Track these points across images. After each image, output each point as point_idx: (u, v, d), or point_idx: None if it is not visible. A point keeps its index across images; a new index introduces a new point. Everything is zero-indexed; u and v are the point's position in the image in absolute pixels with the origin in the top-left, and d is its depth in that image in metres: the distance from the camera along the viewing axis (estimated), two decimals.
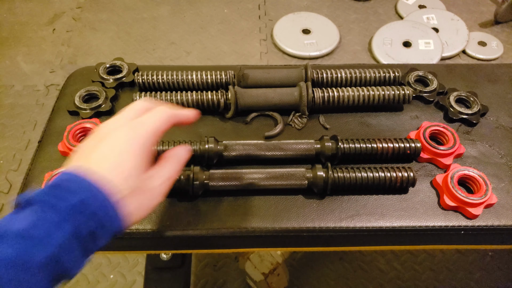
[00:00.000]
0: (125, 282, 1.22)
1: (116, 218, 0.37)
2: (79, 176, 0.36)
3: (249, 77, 0.70)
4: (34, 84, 1.74)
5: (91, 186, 0.35)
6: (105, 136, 0.40)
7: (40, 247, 0.31)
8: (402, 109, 0.73)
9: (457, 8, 2.10)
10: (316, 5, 2.11)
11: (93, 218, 0.34)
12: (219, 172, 0.59)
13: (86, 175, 0.36)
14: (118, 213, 0.37)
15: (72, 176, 0.36)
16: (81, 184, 0.35)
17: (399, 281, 1.23)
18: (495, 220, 0.58)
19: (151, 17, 2.03)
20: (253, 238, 0.59)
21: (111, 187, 0.36)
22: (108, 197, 0.36)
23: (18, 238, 0.31)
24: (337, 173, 0.59)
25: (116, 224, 0.37)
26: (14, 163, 1.49)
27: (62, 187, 0.35)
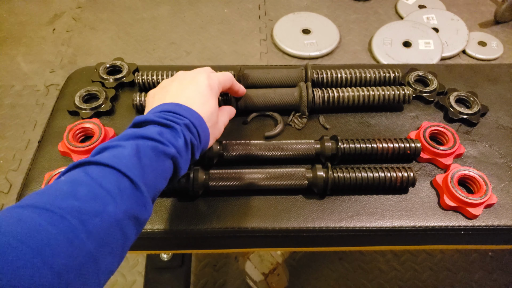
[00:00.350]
0: (125, 282, 1.22)
1: (206, 137, 0.50)
2: (182, 105, 0.49)
3: (249, 77, 0.70)
4: (34, 84, 1.74)
5: (193, 112, 0.48)
6: (187, 80, 0.52)
7: (166, 147, 0.43)
8: (402, 109, 0.73)
9: (457, 8, 2.10)
10: (316, 5, 2.11)
11: (195, 135, 0.48)
12: (219, 172, 0.59)
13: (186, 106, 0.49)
14: (208, 135, 0.50)
15: (175, 105, 0.48)
16: (186, 110, 0.48)
17: (399, 281, 1.23)
18: (495, 220, 0.58)
19: (151, 17, 2.03)
20: (253, 238, 0.59)
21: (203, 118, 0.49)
22: (203, 120, 0.49)
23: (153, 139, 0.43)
24: (337, 173, 0.59)
25: (206, 142, 0.50)
26: (14, 163, 1.49)
27: (172, 111, 0.47)
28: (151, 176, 0.41)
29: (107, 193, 0.36)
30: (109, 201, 0.36)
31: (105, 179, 0.37)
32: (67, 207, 0.33)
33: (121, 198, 0.37)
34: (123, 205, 0.37)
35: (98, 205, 0.35)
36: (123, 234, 0.36)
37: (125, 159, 0.39)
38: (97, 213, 0.34)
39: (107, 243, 0.34)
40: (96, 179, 0.37)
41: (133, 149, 0.40)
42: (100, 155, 0.40)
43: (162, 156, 0.43)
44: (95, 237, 0.33)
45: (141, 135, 0.43)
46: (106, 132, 0.64)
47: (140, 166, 0.40)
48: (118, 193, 0.37)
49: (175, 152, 0.44)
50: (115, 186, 0.37)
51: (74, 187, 0.35)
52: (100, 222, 0.34)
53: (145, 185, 0.40)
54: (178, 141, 0.45)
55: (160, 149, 0.42)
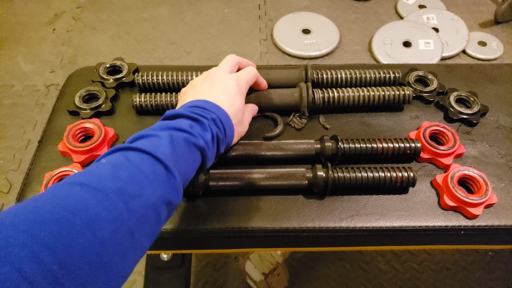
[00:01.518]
0: (125, 282, 1.22)
1: (231, 134, 0.53)
2: (210, 102, 0.52)
3: None
4: (34, 84, 1.74)
5: (220, 109, 0.52)
6: (216, 80, 0.55)
7: (197, 139, 0.46)
8: (402, 109, 0.73)
9: (457, 8, 2.10)
10: (316, 5, 2.11)
11: (221, 130, 0.51)
12: (219, 172, 0.59)
13: (214, 103, 0.52)
14: (233, 131, 0.54)
15: (204, 101, 0.52)
16: (213, 107, 0.51)
17: (399, 281, 1.23)
18: (495, 220, 0.58)
19: (151, 17, 2.03)
20: (253, 238, 0.59)
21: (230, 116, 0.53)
22: (229, 117, 0.52)
23: (184, 131, 0.46)
24: (337, 173, 0.59)
25: (230, 138, 0.54)
26: (14, 163, 1.49)
27: (201, 107, 0.50)
28: (183, 165, 0.44)
29: (145, 178, 0.39)
30: (146, 185, 0.39)
31: (143, 165, 0.40)
32: (112, 187, 0.36)
33: (157, 183, 0.40)
34: (158, 189, 0.39)
35: (137, 188, 0.38)
36: (157, 217, 0.39)
37: (161, 147, 0.42)
38: (137, 195, 0.37)
39: (144, 223, 0.37)
40: (135, 164, 0.39)
41: (168, 138, 0.43)
42: (138, 142, 0.43)
43: (193, 147, 0.46)
44: (134, 217, 0.36)
45: (174, 126, 0.46)
46: (106, 132, 0.64)
47: (174, 155, 0.43)
48: (154, 178, 0.40)
49: (204, 144, 0.47)
50: (152, 172, 0.40)
51: (116, 170, 0.38)
52: (139, 203, 0.37)
53: (178, 173, 0.42)
54: (206, 135, 0.48)
55: (192, 141, 0.45)
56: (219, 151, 0.52)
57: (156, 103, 0.68)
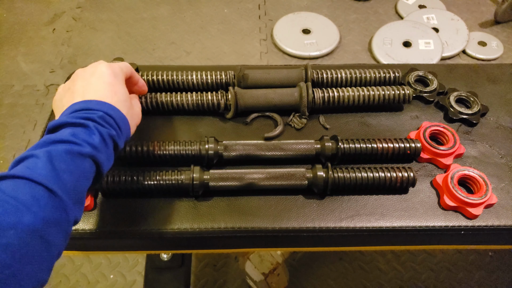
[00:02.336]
0: (125, 282, 1.22)
1: (126, 124, 0.50)
2: (92, 100, 0.48)
3: (249, 77, 0.70)
4: (34, 84, 1.74)
5: (104, 104, 0.48)
6: (89, 75, 0.51)
7: (82, 147, 0.43)
8: (402, 109, 0.73)
9: (457, 8, 2.10)
10: (316, 5, 2.11)
11: (112, 126, 0.47)
12: (219, 172, 0.59)
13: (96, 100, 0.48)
14: (127, 121, 0.50)
15: (85, 102, 0.48)
16: (96, 104, 0.47)
17: (399, 281, 1.23)
18: (495, 220, 0.58)
19: (151, 17, 2.03)
20: (253, 238, 0.59)
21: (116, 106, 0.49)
22: (117, 109, 0.49)
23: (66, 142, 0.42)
24: (337, 173, 0.59)
25: (127, 129, 0.50)
26: None
27: (83, 108, 0.47)
28: (69, 180, 0.41)
29: (22, 205, 0.36)
30: (24, 212, 0.36)
31: (18, 191, 0.37)
32: None
33: (37, 207, 0.37)
34: (40, 213, 0.37)
35: (12, 218, 0.35)
36: (44, 242, 0.36)
37: (37, 168, 0.39)
38: (11, 226, 0.34)
39: (26, 253, 0.34)
40: (8, 193, 0.36)
41: (45, 156, 0.40)
42: (14, 169, 0.40)
43: (78, 157, 0.42)
44: (10, 249, 0.33)
45: (54, 139, 0.43)
46: None
47: (55, 172, 0.40)
48: (34, 202, 0.37)
49: (91, 150, 0.43)
50: (30, 196, 0.37)
51: None
52: (15, 234, 0.34)
53: (64, 190, 0.39)
54: (93, 138, 0.44)
55: (76, 150, 0.42)
56: (118, 148, 0.48)
57: (156, 103, 0.68)
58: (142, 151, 0.60)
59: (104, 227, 0.57)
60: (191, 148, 0.61)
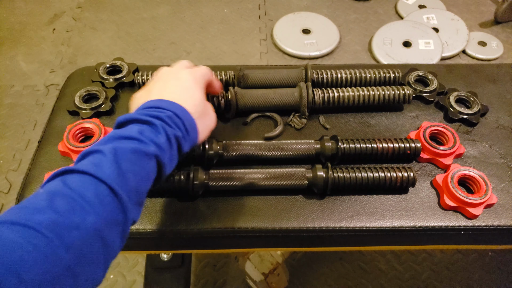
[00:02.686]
0: (125, 282, 1.22)
1: (194, 129, 0.49)
2: (164, 100, 0.48)
3: (249, 77, 0.70)
4: (34, 84, 1.74)
5: (176, 105, 0.48)
6: (169, 78, 0.53)
7: (147, 146, 0.42)
8: (402, 109, 0.73)
9: (457, 8, 2.10)
10: (316, 5, 2.10)
11: (179, 127, 0.47)
12: (219, 172, 0.59)
13: (169, 100, 0.48)
14: (195, 126, 0.49)
15: (159, 100, 0.48)
16: (168, 104, 0.48)
17: (399, 281, 1.23)
18: (495, 220, 0.58)
19: (151, 17, 2.03)
20: (253, 238, 0.59)
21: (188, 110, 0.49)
22: (188, 112, 0.48)
23: (132, 139, 0.42)
24: (337, 173, 0.59)
25: (194, 134, 0.49)
26: (14, 163, 1.49)
27: (153, 107, 0.47)
28: (132, 180, 0.40)
29: (86, 203, 0.36)
30: (88, 212, 0.35)
31: (84, 188, 0.37)
32: (44, 221, 0.33)
33: (100, 207, 0.36)
34: (103, 213, 0.36)
35: (76, 217, 0.35)
36: (104, 243, 0.36)
37: (103, 165, 0.39)
38: (76, 226, 0.34)
39: (87, 254, 0.34)
40: (74, 189, 0.36)
41: (111, 154, 0.40)
42: (80, 163, 0.40)
43: (143, 157, 0.42)
44: (73, 249, 0.33)
45: (121, 135, 0.43)
46: (106, 132, 0.64)
47: (120, 172, 0.39)
48: (98, 202, 0.36)
49: (156, 150, 0.43)
50: (94, 195, 0.37)
51: (52, 199, 0.35)
52: (78, 234, 0.34)
53: (126, 191, 0.39)
54: (159, 138, 0.44)
55: (141, 150, 0.42)
56: (181, 151, 0.48)
57: None
58: None
59: None
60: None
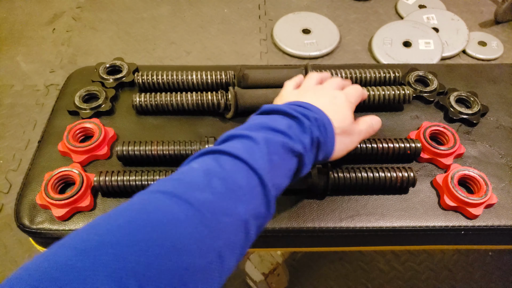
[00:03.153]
0: None
1: (332, 142, 0.48)
2: (314, 106, 0.48)
3: (249, 77, 0.70)
4: (34, 84, 1.74)
5: (320, 111, 0.47)
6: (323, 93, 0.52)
7: (295, 143, 0.42)
8: (402, 109, 0.72)
9: (457, 8, 2.10)
10: (316, 5, 2.11)
11: (322, 133, 0.46)
12: None
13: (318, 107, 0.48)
14: (334, 139, 0.48)
15: (308, 104, 0.48)
16: (317, 109, 0.47)
17: (399, 281, 1.23)
18: (495, 220, 0.58)
19: (151, 17, 2.03)
20: None
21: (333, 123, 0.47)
22: (331, 122, 0.47)
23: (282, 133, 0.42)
24: (337, 173, 0.59)
25: (331, 148, 0.48)
26: (14, 163, 1.49)
27: (302, 106, 0.47)
28: (278, 175, 0.40)
29: (240, 190, 0.36)
30: (240, 200, 0.35)
31: (238, 174, 0.37)
32: (204, 201, 0.34)
33: (250, 197, 0.36)
34: (251, 204, 0.36)
35: (230, 204, 0.35)
36: (246, 234, 0.36)
37: (256, 154, 0.38)
38: (230, 212, 0.34)
39: (233, 243, 0.34)
40: (230, 173, 0.36)
41: (264, 144, 0.39)
42: (231, 145, 0.39)
43: (290, 153, 0.41)
44: (225, 236, 0.33)
45: (270, 127, 0.42)
46: (106, 132, 0.64)
47: (270, 164, 0.39)
48: (248, 191, 0.36)
49: (302, 149, 0.42)
50: (246, 183, 0.37)
51: (210, 179, 0.35)
52: (230, 221, 0.34)
53: (272, 184, 0.39)
54: (305, 137, 0.43)
55: (289, 146, 0.41)
56: (317, 158, 0.46)
57: (156, 103, 0.68)
58: (142, 151, 0.60)
59: None
60: (191, 148, 0.61)
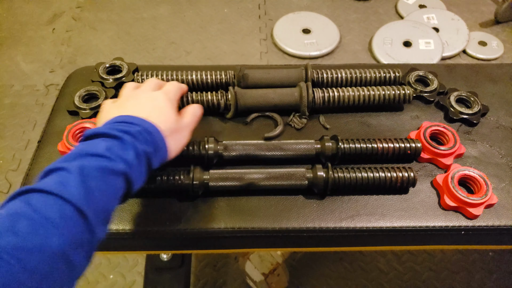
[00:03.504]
0: (125, 282, 1.22)
1: (164, 146, 0.49)
2: (136, 116, 0.48)
3: (249, 77, 0.70)
4: (34, 84, 1.74)
5: (146, 122, 0.48)
6: (142, 97, 0.53)
7: (115, 164, 0.42)
8: (402, 109, 0.72)
9: (457, 7, 2.10)
10: (316, 5, 2.10)
11: (149, 144, 0.46)
12: (219, 172, 0.59)
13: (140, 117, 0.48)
14: (165, 143, 0.49)
15: (129, 116, 0.48)
16: (139, 120, 0.48)
17: (399, 281, 1.23)
18: (496, 220, 0.58)
19: (151, 17, 2.03)
20: (253, 238, 0.59)
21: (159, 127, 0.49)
22: (160, 129, 0.49)
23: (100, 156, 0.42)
24: (338, 173, 0.59)
25: (165, 151, 0.49)
26: (13, 163, 1.49)
27: (124, 121, 0.47)
28: (99, 199, 0.39)
29: (50, 224, 0.35)
30: (52, 233, 0.34)
31: (48, 209, 0.36)
32: (5, 245, 0.32)
33: (66, 228, 0.35)
34: (68, 234, 0.35)
35: (39, 239, 0.33)
36: (69, 264, 0.35)
37: (69, 184, 0.38)
38: (39, 249, 0.33)
39: (50, 276, 0.33)
40: (38, 210, 0.35)
41: (78, 172, 0.39)
42: (43, 181, 0.39)
43: (111, 175, 0.41)
44: (36, 273, 0.32)
45: (88, 152, 0.41)
46: None
47: (86, 191, 0.38)
48: (63, 223, 0.35)
49: (125, 168, 0.42)
50: (59, 216, 0.35)
51: (14, 221, 0.34)
52: (41, 257, 0.33)
53: (93, 210, 0.38)
54: (128, 154, 0.43)
55: (109, 168, 0.41)
56: (151, 167, 0.47)
57: None
58: None
59: None
60: (191, 148, 0.61)
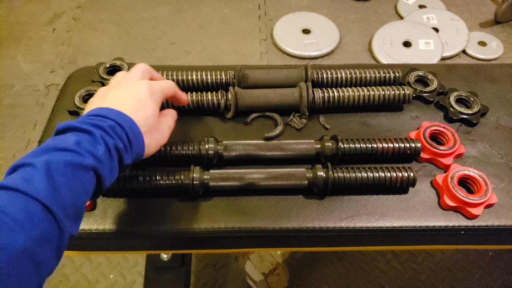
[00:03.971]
0: (125, 282, 1.22)
1: (140, 141, 0.47)
2: (111, 109, 0.46)
3: (249, 77, 0.70)
4: (34, 84, 1.74)
5: (122, 115, 0.46)
6: (124, 86, 0.51)
7: (84, 158, 0.40)
8: (402, 109, 0.73)
9: (457, 8, 2.10)
10: (316, 5, 2.11)
11: (121, 138, 0.44)
12: (219, 172, 0.59)
13: (116, 110, 0.46)
14: (142, 138, 0.47)
15: (104, 109, 0.46)
16: (114, 113, 0.46)
17: (399, 281, 1.23)
18: (495, 220, 0.58)
19: (151, 17, 2.03)
20: (253, 238, 0.59)
21: (135, 121, 0.47)
22: (134, 123, 0.46)
23: (68, 151, 0.40)
24: (337, 173, 0.59)
25: (139, 147, 0.47)
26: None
27: (99, 115, 0.45)
28: (67, 195, 0.38)
29: (14, 223, 0.34)
30: (16, 231, 0.33)
31: (12, 206, 0.35)
32: None
33: (31, 225, 0.34)
34: (33, 232, 0.34)
35: (2, 238, 0.32)
36: (36, 263, 0.34)
37: (34, 180, 0.37)
38: (2, 247, 0.32)
39: (15, 275, 0.32)
40: (1, 208, 0.34)
41: (43, 168, 0.38)
42: (8, 178, 0.38)
43: (79, 170, 0.40)
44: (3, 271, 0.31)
45: (56, 147, 0.40)
46: None
47: (52, 187, 0.37)
48: (28, 220, 0.34)
49: (94, 163, 0.41)
50: (24, 213, 0.35)
51: None
52: (5, 255, 0.32)
53: (60, 206, 0.37)
54: (97, 149, 0.42)
55: (78, 162, 0.40)
56: (123, 162, 0.45)
57: None
58: None
59: (104, 227, 0.57)
60: (191, 148, 0.61)
